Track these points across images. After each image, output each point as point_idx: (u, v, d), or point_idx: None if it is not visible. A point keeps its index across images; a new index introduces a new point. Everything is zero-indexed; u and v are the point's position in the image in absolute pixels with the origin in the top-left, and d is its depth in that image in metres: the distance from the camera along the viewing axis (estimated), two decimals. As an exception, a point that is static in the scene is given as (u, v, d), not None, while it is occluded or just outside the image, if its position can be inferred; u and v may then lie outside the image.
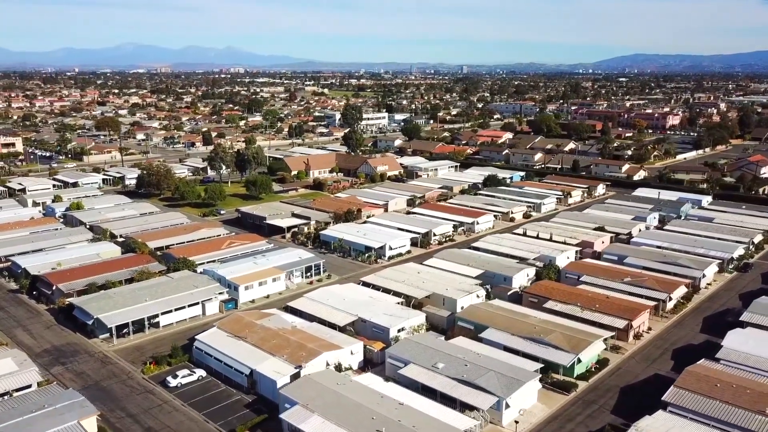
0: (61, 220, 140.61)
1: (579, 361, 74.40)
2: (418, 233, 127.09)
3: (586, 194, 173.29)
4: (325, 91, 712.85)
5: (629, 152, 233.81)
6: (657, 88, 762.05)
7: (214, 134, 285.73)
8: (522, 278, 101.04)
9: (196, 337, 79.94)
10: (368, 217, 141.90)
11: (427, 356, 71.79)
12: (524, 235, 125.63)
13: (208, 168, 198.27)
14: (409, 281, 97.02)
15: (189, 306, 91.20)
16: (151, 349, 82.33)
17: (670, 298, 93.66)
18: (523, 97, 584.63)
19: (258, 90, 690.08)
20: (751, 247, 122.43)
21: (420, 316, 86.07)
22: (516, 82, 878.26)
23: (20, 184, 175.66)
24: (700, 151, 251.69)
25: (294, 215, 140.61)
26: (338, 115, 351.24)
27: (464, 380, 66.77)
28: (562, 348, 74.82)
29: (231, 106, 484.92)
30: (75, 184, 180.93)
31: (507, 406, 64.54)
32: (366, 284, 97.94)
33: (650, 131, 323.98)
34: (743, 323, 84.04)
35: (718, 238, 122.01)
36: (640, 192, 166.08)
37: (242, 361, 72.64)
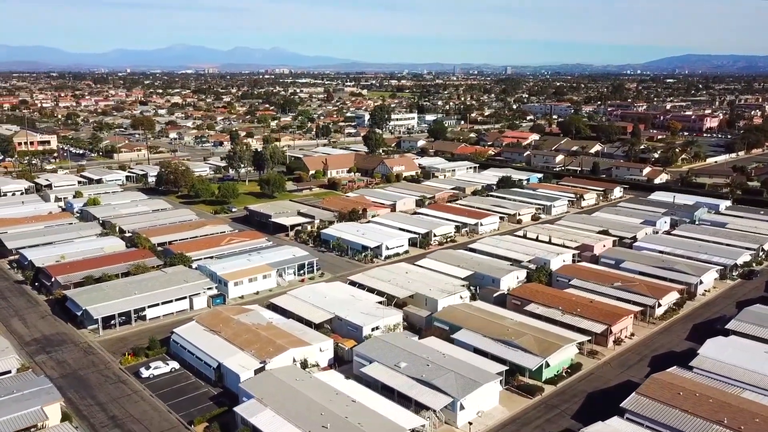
0: (78, 214, 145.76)
1: (547, 365, 73.57)
2: (418, 233, 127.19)
3: (601, 197, 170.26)
4: (363, 91, 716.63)
5: (656, 155, 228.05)
6: (704, 90, 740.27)
7: (243, 134, 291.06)
8: (510, 280, 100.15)
9: (173, 330, 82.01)
10: (373, 216, 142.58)
11: (392, 355, 72.04)
12: (524, 237, 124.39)
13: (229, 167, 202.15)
14: (395, 281, 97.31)
15: (176, 300, 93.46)
16: (135, 340, 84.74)
17: (659, 304, 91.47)
18: (561, 98, 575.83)
19: (297, 90, 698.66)
20: (760, 253, 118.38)
21: (397, 315, 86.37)
22: (558, 83, 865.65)
23: (47, 180, 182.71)
24: (733, 155, 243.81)
25: (299, 214, 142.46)
26: (368, 116, 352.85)
27: (422, 380, 66.82)
28: (531, 351, 74.03)
29: (267, 106, 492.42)
30: (99, 181, 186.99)
31: (462, 407, 64.35)
32: (353, 283, 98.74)
33: (686, 134, 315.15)
34: (728, 331, 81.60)
35: (726, 244, 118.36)
36: (657, 196, 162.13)
37: (211, 355, 74.27)
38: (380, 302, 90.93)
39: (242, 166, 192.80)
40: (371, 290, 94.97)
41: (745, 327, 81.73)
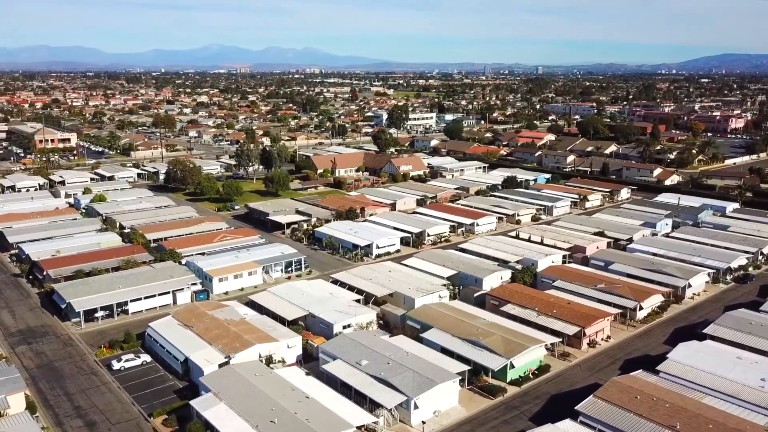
0: (84, 210, 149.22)
1: (512, 365, 73.00)
2: (411, 233, 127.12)
3: (607, 198, 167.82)
4: (389, 91, 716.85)
5: (671, 156, 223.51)
6: (738, 90, 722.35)
7: (260, 133, 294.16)
8: (493, 280, 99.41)
9: (149, 324, 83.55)
10: (370, 215, 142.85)
11: (356, 353, 72.24)
12: (517, 237, 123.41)
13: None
14: (376, 279, 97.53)
15: (159, 295, 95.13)
16: (114, 334, 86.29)
17: (641, 307, 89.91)
18: (588, 98, 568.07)
19: (324, 90, 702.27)
20: (759, 257, 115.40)
21: (370, 313, 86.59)
22: (587, 83, 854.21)
23: (60, 176, 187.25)
24: (754, 156, 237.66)
25: (297, 212, 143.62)
26: (386, 115, 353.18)
27: (381, 378, 66.96)
28: (496, 351, 73.51)
29: (291, 105, 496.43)
30: (111, 178, 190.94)
31: (416, 406, 64.28)
32: (335, 281, 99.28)
33: (709, 134, 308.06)
34: (705, 335, 79.92)
35: (724, 247, 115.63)
36: (663, 197, 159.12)
37: (180, 349, 75.40)
38: (357, 300, 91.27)
39: (250, 164, 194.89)
40: (351, 288, 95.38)
41: (723, 332, 79.87)
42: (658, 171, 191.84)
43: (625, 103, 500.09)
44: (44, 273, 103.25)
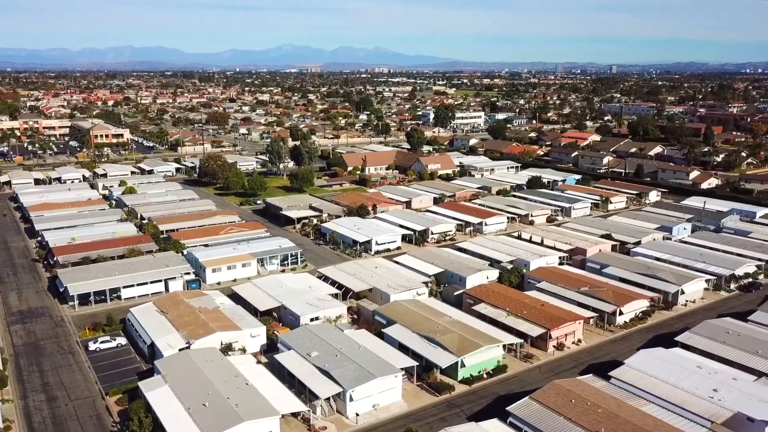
0: (114, 202, 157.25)
1: (463, 364, 72.67)
2: (415, 230, 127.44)
3: (634, 201, 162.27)
4: (450, 90, 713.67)
5: (718, 158, 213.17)
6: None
7: (305, 130, 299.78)
8: (477, 279, 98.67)
9: (130, 309, 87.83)
10: (381, 212, 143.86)
11: (310, 345, 73.72)
12: (519, 237, 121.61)
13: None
14: (360, 275, 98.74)
15: (152, 282, 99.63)
16: (103, 317, 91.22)
17: (621, 312, 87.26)
18: (654, 98, 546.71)
19: (385, 89, 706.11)
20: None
21: (340, 307, 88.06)
22: (660, 83, 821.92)
23: (104, 169, 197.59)
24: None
25: (311, 207, 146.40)
26: (432, 114, 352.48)
27: (323, 369, 68.23)
28: (449, 349, 73.34)
29: (346, 104, 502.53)
30: (150, 172, 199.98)
31: (351, 398, 65.19)
32: (320, 275, 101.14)
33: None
34: (677, 343, 76.88)
35: (736, 254, 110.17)
36: (691, 201, 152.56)
37: (149, 333, 79.17)
38: (335, 294, 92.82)
39: (280, 160, 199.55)
40: (334, 283, 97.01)
41: (696, 340, 76.62)
42: (694, 174, 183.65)
43: (691, 103, 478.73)
44: (55, 258, 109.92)
